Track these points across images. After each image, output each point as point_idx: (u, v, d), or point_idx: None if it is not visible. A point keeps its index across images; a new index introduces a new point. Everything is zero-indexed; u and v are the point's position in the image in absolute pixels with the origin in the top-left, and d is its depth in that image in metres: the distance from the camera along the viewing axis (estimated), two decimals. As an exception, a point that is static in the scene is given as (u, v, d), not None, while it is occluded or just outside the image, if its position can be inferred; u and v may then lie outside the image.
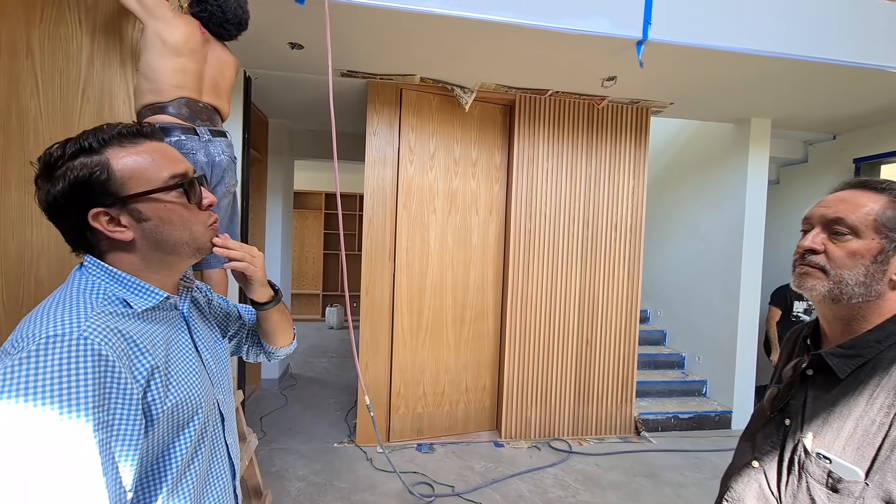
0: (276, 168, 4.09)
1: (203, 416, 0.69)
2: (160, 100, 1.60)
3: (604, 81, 2.87)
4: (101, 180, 0.63)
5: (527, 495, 2.55)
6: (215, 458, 0.74)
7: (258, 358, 1.03)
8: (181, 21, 1.63)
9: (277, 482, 2.55)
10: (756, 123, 3.50)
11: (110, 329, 0.58)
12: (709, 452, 3.15)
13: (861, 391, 0.69)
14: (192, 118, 1.64)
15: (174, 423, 0.64)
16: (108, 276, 0.66)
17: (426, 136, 3.12)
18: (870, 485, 0.64)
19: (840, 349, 0.73)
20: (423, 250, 3.13)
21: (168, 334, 0.69)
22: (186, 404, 0.66)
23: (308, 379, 4.42)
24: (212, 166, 1.67)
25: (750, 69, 2.58)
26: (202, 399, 0.69)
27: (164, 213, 0.67)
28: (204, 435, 0.70)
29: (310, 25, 2.23)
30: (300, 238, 7.27)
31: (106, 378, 0.55)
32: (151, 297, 0.67)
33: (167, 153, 0.70)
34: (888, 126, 3.43)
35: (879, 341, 0.69)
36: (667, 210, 4.35)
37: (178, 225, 0.69)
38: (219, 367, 0.81)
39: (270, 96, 3.40)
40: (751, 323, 3.58)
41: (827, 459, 0.68)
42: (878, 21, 2.44)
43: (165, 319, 0.71)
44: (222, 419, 0.77)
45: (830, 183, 0.82)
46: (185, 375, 0.68)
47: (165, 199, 0.67)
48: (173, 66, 1.60)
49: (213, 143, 1.68)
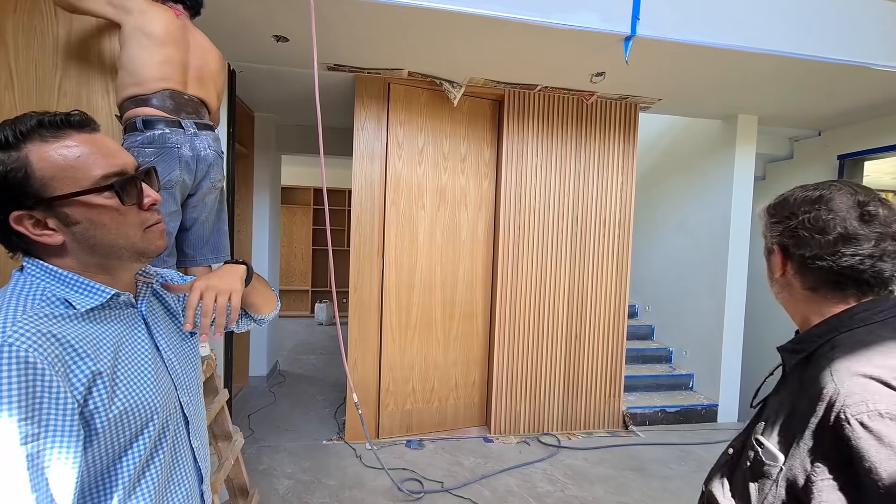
0: (263, 163, 4.04)
1: (160, 422, 0.65)
2: (143, 92, 1.54)
3: (592, 77, 2.87)
4: (19, 180, 0.57)
5: (516, 490, 2.56)
6: (178, 464, 0.70)
7: (248, 326, 0.98)
8: (157, 9, 1.58)
9: (265, 480, 2.53)
10: (743, 120, 3.52)
11: (42, 333, 0.54)
12: (695, 446, 3.19)
13: (798, 383, 0.71)
14: (176, 111, 1.59)
15: (124, 431, 0.60)
16: (50, 275, 0.61)
17: (415, 131, 3.09)
18: (783, 469, 0.67)
19: (790, 344, 0.77)
20: (411, 246, 3.11)
21: (120, 335, 0.64)
22: (138, 411, 0.61)
23: (297, 376, 4.39)
24: (197, 161, 1.62)
25: (737, 66, 2.59)
26: (158, 404, 0.65)
27: (94, 216, 0.61)
28: (162, 441, 0.66)
29: (295, 17, 2.19)
30: (288, 234, 7.20)
31: (35, 387, 0.51)
32: (96, 295, 0.62)
33: (101, 147, 0.63)
34: (872, 123, 3.48)
35: (821, 335, 0.72)
36: (655, 206, 4.38)
37: (113, 229, 0.62)
38: (184, 366, 0.76)
39: (256, 90, 3.34)
40: (737, 317, 3.62)
41: (761, 445, 0.71)
42: (863, 18, 2.46)
43: (117, 319, 0.66)
44: (186, 423, 0.73)
45: (815, 178, 0.83)
46: (138, 379, 0.63)
47: (95, 201, 0.60)
48: (158, 57, 1.55)
49: (199, 137, 1.63)
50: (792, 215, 0.74)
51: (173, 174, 1.55)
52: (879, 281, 0.69)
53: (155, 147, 1.52)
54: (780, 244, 0.76)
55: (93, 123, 0.64)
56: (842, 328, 0.70)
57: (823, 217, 0.70)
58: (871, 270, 0.68)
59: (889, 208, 0.69)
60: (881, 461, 0.56)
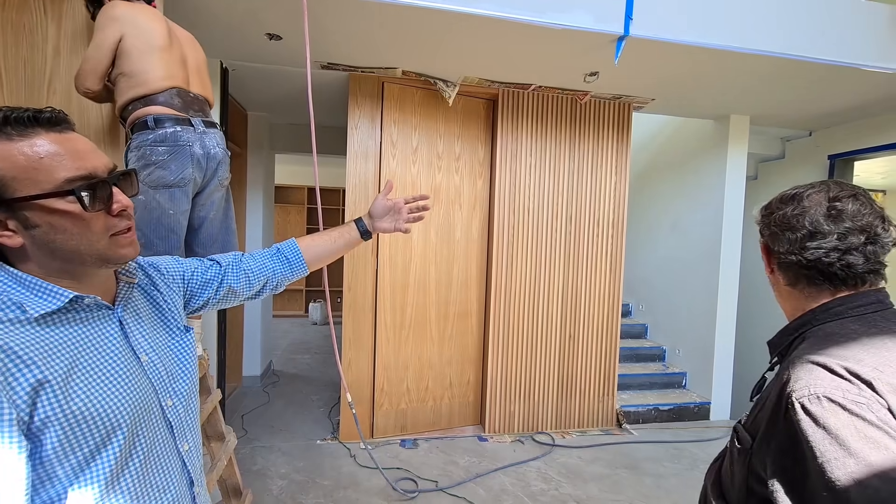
0: (256, 162, 4.02)
1: (129, 431, 0.61)
2: (149, 91, 1.52)
3: (586, 76, 2.88)
4: None
5: (510, 489, 2.57)
6: (159, 472, 0.66)
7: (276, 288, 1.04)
8: (138, 9, 1.54)
9: (259, 481, 2.52)
10: (735, 120, 3.55)
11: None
12: (688, 443, 3.21)
13: (776, 373, 0.73)
14: (184, 109, 1.57)
15: (86, 440, 0.56)
16: (10, 277, 0.59)
17: (409, 131, 3.09)
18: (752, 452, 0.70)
19: (776, 337, 0.80)
20: (406, 246, 3.11)
21: (83, 339, 0.61)
22: (99, 419, 0.57)
23: (291, 375, 4.38)
24: (207, 158, 1.60)
25: (729, 66, 2.61)
26: (125, 412, 0.61)
27: (54, 220, 0.58)
28: (135, 448, 0.62)
29: (288, 15, 2.18)
30: (282, 233, 7.16)
31: None
32: (54, 299, 0.59)
33: (71, 148, 0.59)
34: (862, 123, 3.51)
35: (796, 329, 0.75)
36: (648, 205, 4.40)
37: (74, 234, 0.59)
38: (169, 368, 0.72)
39: (249, 88, 3.32)
40: (729, 316, 3.65)
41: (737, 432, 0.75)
42: (854, 20, 2.48)
43: (82, 322, 0.62)
44: (171, 427, 0.70)
45: (806, 179, 0.86)
46: (100, 386, 0.59)
47: (55, 206, 0.57)
48: (158, 56, 1.53)
49: (208, 135, 1.61)
50: (770, 214, 0.78)
51: (186, 172, 1.53)
52: (852, 275, 0.70)
53: (168, 145, 1.50)
54: (764, 242, 0.80)
55: (65, 122, 0.61)
56: (815, 322, 0.72)
57: (792, 213, 0.73)
58: (838, 264, 0.69)
59: (861, 203, 0.70)
60: (817, 442, 0.58)
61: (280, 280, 1.03)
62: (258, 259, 1.00)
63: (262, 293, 1.02)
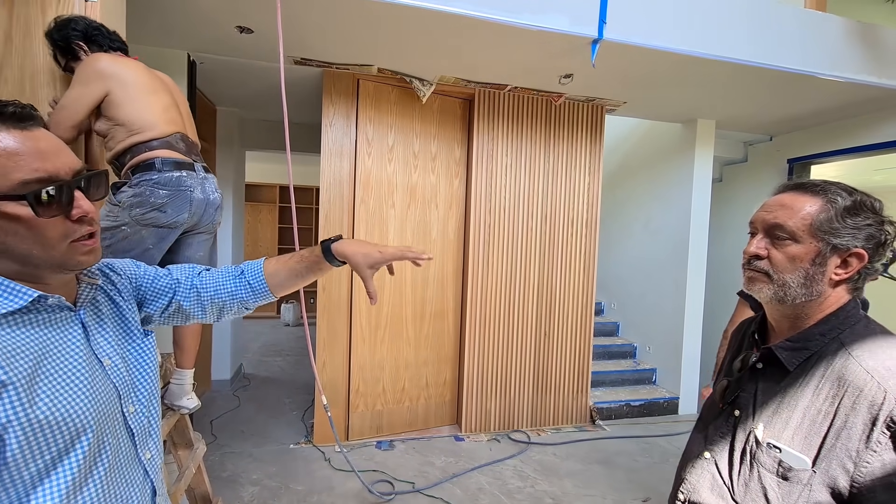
0: (226, 159, 3.89)
1: (95, 436, 0.59)
2: (155, 136, 1.50)
3: (561, 78, 2.91)
4: None
5: (487, 488, 2.57)
6: (122, 481, 0.64)
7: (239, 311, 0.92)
8: (123, 62, 1.51)
9: (229, 488, 2.44)
10: (702, 124, 3.67)
11: None
12: (658, 437, 3.30)
13: (808, 382, 0.72)
14: (188, 153, 1.58)
15: (48, 445, 0.55)
16: None
17: (384, 129, 3.06)
18: (817, 472, 0.67)
19: (789, 342, 0.76)
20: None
21: (47, 341, 0.59)
22: (64, 423, 0.56)
23: (262, 379, 4.27)
24: (206, 204, 1.62)
25: (695, 71, 2.69)
26: (90, 416, 0.59)
27: (4, 224, 0.55)
28: (100, 456, 0.60)
29: (260, 8, 2.11)
30: (253, 232, 6.99)
31: None
32: (17, 298, 0.56)
33: (33, 147, 0.56)
34: (819, 129, 3.69)
35: (824, 334, 0.73)
36: (620, 206, 4.50)
37: (28, 238, 0.56)
38: (132, 373, 0.70)
39: (218, 83, 3.21)
40: (696, 313, 3.77)
41: (777, 449, 0.71)
42: (811, 31, 2.61)
43: (46, 323, 0.60)
44: (132, 435, 0.67)
45: (768, 181, 0.87)
46: (65, 389, 0.57)
47: (6, 209, 0.54)
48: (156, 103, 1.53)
49: (208, 180, 1.64)
50: (868, 225, 0.71)
51: (181, 216, 1.55)
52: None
53: (169, 189, 1.50)
54: (859, 249, 0.71)
55: (32, 118, 0.57)
56: (841, 325, 0.73)
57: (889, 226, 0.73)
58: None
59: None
60: None
61: (240, 304, 0.91)
62: (216, 277, 0.88)
63: (222, 317, 0.91)
